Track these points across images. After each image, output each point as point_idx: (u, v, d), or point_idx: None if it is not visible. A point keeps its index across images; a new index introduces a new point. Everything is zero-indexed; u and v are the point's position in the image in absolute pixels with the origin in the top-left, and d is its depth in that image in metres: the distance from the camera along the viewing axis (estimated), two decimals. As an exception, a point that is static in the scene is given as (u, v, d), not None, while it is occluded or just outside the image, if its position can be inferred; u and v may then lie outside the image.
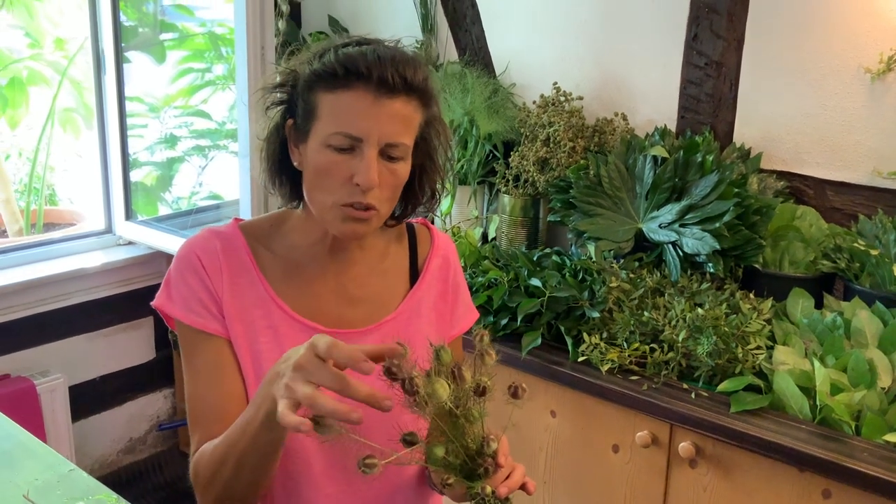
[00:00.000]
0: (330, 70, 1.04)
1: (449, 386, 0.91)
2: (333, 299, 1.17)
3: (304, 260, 1.17)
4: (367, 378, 0.88)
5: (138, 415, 2.93)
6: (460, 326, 1.30)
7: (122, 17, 2.70)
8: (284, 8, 2.62)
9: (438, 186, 1.21)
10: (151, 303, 1.16)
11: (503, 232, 2.36)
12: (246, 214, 2.33)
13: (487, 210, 2.55)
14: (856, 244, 1.84)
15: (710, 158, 1.96)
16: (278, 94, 1.12)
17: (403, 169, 1.09)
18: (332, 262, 1.18)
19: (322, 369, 0.88)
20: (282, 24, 2.61)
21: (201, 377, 1.12)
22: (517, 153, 2.33)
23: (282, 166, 1.14)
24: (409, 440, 0.92)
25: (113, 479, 2.84)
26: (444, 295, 1.27)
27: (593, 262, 1.97)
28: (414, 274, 1.25)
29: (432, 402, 0.90)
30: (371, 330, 1.17)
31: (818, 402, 1.55)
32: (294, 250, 1.18)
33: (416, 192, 1.19)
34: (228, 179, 3.02)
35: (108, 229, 2.84)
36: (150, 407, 2.96)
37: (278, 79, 1.13)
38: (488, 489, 0.95)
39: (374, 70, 1.02)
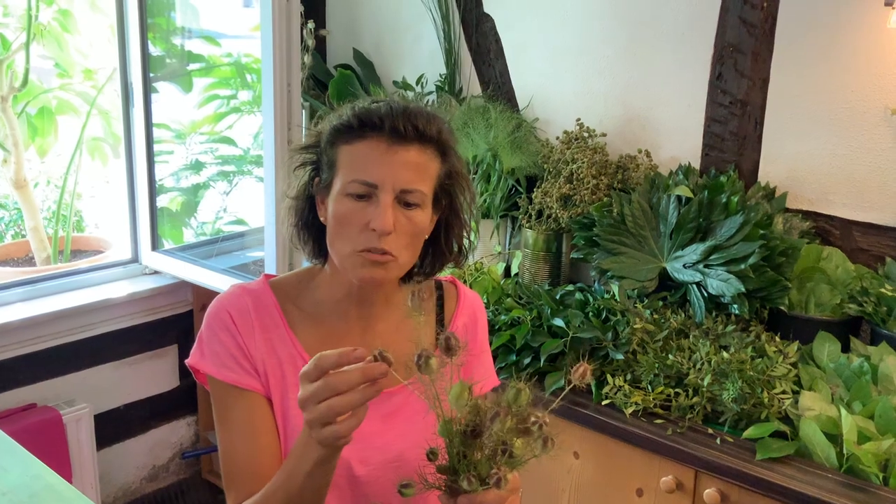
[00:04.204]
0: (347, 124, 1.10)
1: (467, 403, 0.89)
2: None
3: (330, 316, 1.19)
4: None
5: (162, 442, 2.95)
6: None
7: (151, 48, 2.74)
8: (310, 42, 2.65)
9: (466, 242, 1.23)
10: (186, 361, 1.18)
11: (526, 267, 2.36)
12: (270, 241, 2.34)
13: (510, 244, 2.56)
14: (883, 289, 1.82)
15: (735, 199, 1.95)
16: (306, 156, 1.17)
17: (421, 216, 1.11)
18: (358, 319, 1.19)
19: (318, 388, 0.90)
20: (307, 59, 2.64)
21: (235, 432, 1.13)
22: (540, 189, 2.33)
23: (308, 223, 1.18)
24: (429, 457, 0.92)
25: (136, 507, 2.87)
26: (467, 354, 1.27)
27: (617, 302, 1.97)
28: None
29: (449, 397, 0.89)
30: (394, 392, 1.18)
31: (845, 451, 1.54)
32: (321, 306, 1.19)
33: (443, 249, 1.21)
34: (253, 205, 3.05)
35: (135, 259, 2.87)
36: (173, 434, 2.98)
37: (306, 142, 1.18)
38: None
39: (387, 120, 1.07)
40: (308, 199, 1.17)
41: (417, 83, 2.73)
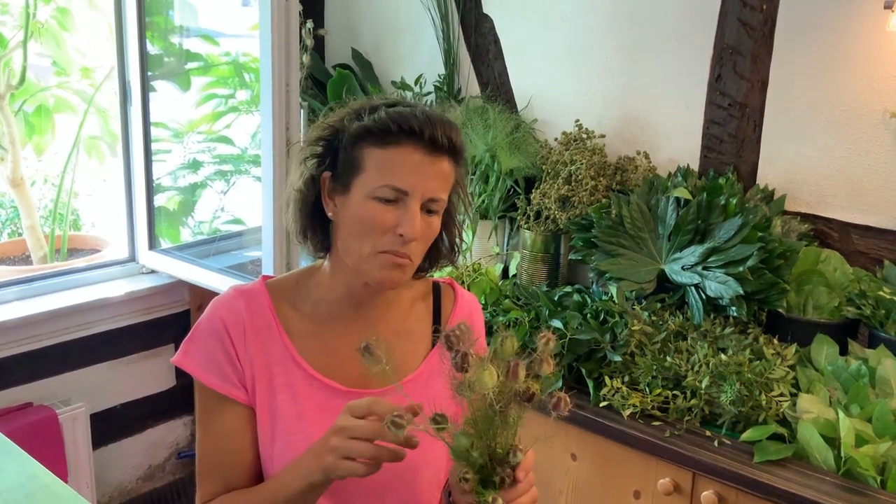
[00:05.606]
0: (382, 126, 1.08)
1: (498, 377, 0.90)
2: (355, 357, 1.18)
3: (328, 317, 1.19)
4: None
5: (158, 442, 2.94)
6: None
7: (149, 47, 2.73)
8: (308, 42, 2.64)
9: (457, 240, 1.25)
10: (172, 359, 1.19)
11: (524, 268, 2.36)
12: (267, 241, 2.34)
13: (508, 245, 2.56)
14: (881, 292, 1.82)
15: (734, 201, 1.95)
16: (317, 148, 1.15)
17: (438, 222, 1.14)
18: (355, 320, 1.19)
19: (359, 424, 0.97)
20: (306, 58, 2.63)
21: (213, 436, 1.16)
22: (539, 190, 2.33)
23: (313, 216, 1.17)
24: (437, 420, 0.92)
25: (132, 507, 2.86)
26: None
27: (615, 304, 1.97)
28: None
29: (476, 388, 0.91)
30: (390, 390, 1.18)
31: (843, 454, 1.54)
32: (319, 306, 1.19)
33: (439, 246, 1.22)
34: (250, 205, 3.05)
35: (132, 258, 2.86)
36: (169, 434, 2.97)
37: (318, 133, 1.16)
38: (499, 501, 0.94)
39: (426, 130, 1.07)
40: (315, 192, 1.16)
41: (416, 83, 2.72)
